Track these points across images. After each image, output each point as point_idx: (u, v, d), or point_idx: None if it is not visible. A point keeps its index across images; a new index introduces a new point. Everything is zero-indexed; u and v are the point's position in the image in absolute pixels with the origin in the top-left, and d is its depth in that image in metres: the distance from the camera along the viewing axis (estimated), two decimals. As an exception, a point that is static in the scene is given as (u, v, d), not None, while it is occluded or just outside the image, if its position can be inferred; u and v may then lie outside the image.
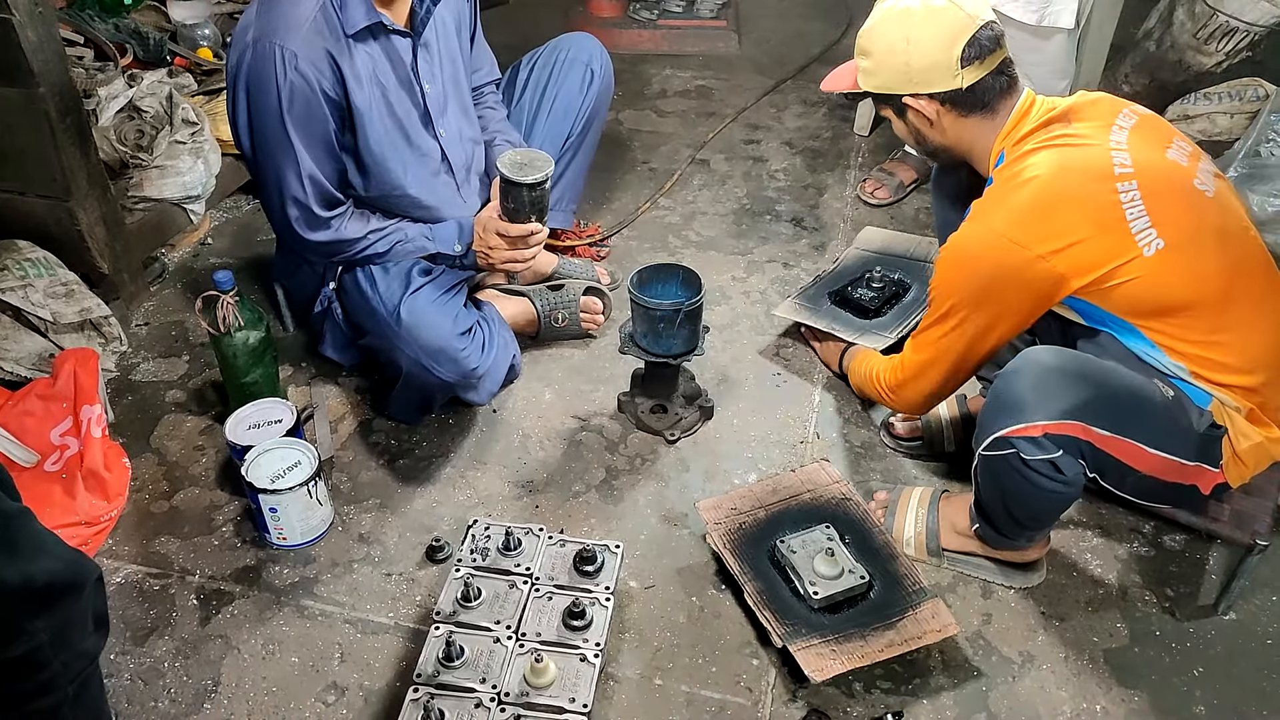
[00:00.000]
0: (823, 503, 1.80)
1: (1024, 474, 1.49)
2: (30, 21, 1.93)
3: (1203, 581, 1.78)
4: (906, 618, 1.60)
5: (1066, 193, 1.50)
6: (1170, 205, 1.50)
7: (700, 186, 2.90)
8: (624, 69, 3.44)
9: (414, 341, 1.87)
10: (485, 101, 2.24)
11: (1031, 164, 1.54)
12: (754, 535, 1.75)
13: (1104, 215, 1.48)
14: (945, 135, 1.66)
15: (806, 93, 3.42)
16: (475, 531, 1.70)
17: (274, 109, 1.77)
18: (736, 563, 1.70)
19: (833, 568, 1.65)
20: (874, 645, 1.56)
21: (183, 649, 1.65)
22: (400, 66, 1.90)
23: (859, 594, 1.64)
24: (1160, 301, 1.49)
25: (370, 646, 1.65)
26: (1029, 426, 1.45)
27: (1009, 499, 1.57)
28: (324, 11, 1.77)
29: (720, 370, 2.22)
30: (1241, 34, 2.63)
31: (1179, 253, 1.48)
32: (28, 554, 1.11)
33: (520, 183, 1.77)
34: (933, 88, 1.60)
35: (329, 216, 1.89)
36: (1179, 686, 1.61)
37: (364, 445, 2.03)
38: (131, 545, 1.82)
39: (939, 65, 1.57)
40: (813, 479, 1.85)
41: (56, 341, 2.07)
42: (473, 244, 1.95)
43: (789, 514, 1.78)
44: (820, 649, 1.56)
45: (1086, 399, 1.45)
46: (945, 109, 1.62)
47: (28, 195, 2.15)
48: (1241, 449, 1.52)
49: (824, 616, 1.62)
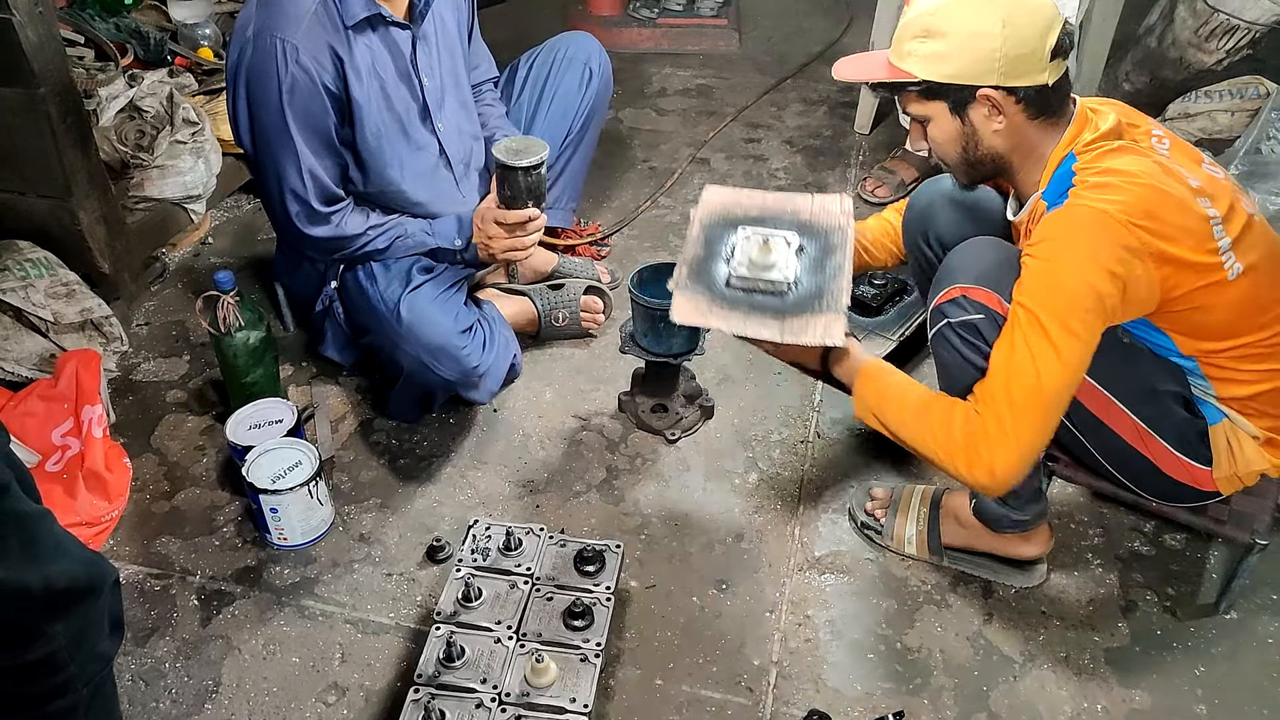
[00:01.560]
0: (815, 224, 1.67)
1: (954, 345, 1.50)
2: (30, 21, 1.93)
3: (1203, 581, 1.78)
4: (799, 319, 1.51)
5: (1169, 198, 1.39)
6: (1241, 226, 1.43)
7: (701, 185, 2.89)
8: (624, 67, 3.43)
9: (415, 339, 1.87)
10: (484, 99, 2.24)
11: (1124, 162, 1.41)
12: (733, 220, 1.67)
13: (1198, 229, 1.39)
14: (1004, 140, 1.48)
15: (807, 91, 3.42)
16: (476, 531, 1.70)
17: (275, 103, 1.77)
18: (697, 228, 1.65)
19: (764, 257, 1.56)
20: (750, 323, 1.51)
21: (183, 649, 1.65)
22: (399, 59, 1.90)
23: (778, 291, 1.55)
24: (1218, 327, 1.45)
25: (371, 647, 1.66)
26: (950, 289, 1.49)
27: (961, 390, 1.49)
28: (324, 4, 1.77)
29: (721, 369, 2.22)
30: (1242, 32, 2.63)
31: (1252, 279, 1.43)
32: (48, 556, 1.11)
33: (516, 167, 1.77)
34: (1021, 80, 1.41)
35: (329, 212, 1.89)
36: (1180, 686, 1.61)
37: (365, 445, 2.04)
38: (132, 546, 1.82)
39: (1034, 55, 1.40)
40: (825, 207, 1.70)
41: (57, 342, 2.07)
42: (472, 237, 1.95)
43: (779, 222, 1.67)
44: (699, 302, 1.54)
45: (1006, 274, 1.44)
46: (1019, 108, 1.44)
47: (28, 195, 2.15)
48: (1244, 472, 1.53)
49: (733, 292, 1.55)
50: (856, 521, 1.86)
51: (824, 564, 1.80)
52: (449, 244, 1.96)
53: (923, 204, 1.81)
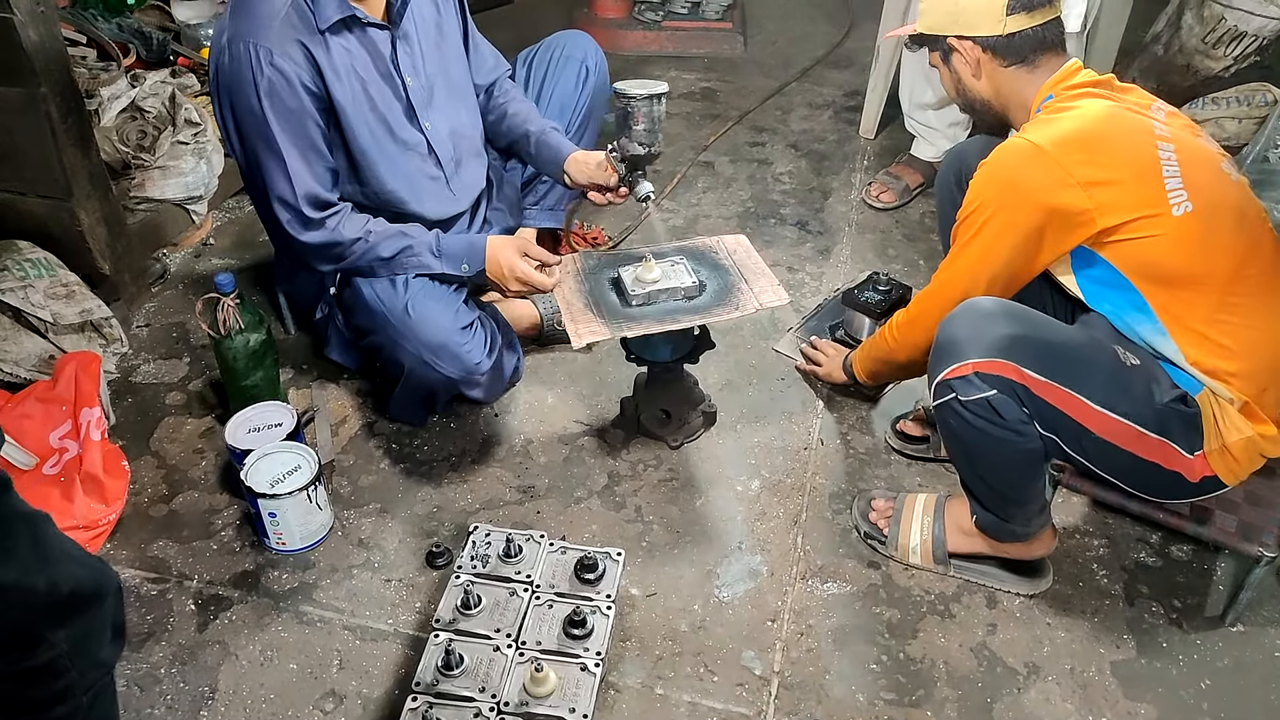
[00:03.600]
0: (685, 247, 1.99)
1: (966, 419, 1.52)
2: (32, 21, 1.92)
3: (1210, 593, 1.76)
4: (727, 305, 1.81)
5: (1113, 134, 1.52)
6: (1201, 175, 1.52)
7: (705, 189, 2.89)
8: (628, 70, 3.43)
9: (415, 337, 1.85)
10: (513, 96, 2.20)
11: (1083, 104, 1.56)
12: (606, 263, 1.94)
13: (1143, 165, 1.50)
14: (985, 85, 1.67)
15: (812, 95, 3.41)
16: (476, 538, 1.69)
17: (254, 108, 1.76)
18: (575, 285, 1.88)
19: (649, 273, 1.84)
20: (666, 323, 1.77)
21: (180, 655, 1.64)
22: (380, 59, 1.88)
23: (690, 295, 1.83)
24: (1174, 268, 1.50)
25: (369, 653, 1.64)
26: (960, 366, 1.49)
27: (970, 455, 1.59)
28: (295, 6, 1.76)
29: (724, 376, 2.21)
30: (1250, 39, 2.62)
31: (1203, 221, 1.49)
32: (55, 559, 1.09)
33: (652, 95, 1.80)
34: (977, 31, 1.62)
35: (321, 217, 1.86)
36: (1186, 699, 1.59)
37: (365, 449, 2.02)
38: (129, 549, 1.81)
39: (987, 8, 1.60)
40: (701, 242, 2.02)
41: (57, 343, 2.06)
42: (485, 270, 1.93)
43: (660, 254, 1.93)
44: (597, 327, 1.76)
45: (1015, 337, 1.47)
46: (986, 55, 1.64)
47: (29, 196, 2.14)
48: (1231, 441, 1.51)
49: (640, 309, 1.80)
50: (860, 531, 1.84)
51: (827, 573, 1.79)
52: (455, 270, 1.94)
53: (959, 149, 2.00)
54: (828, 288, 2.49)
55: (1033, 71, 1.63)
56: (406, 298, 1.87)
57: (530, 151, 2.12)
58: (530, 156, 2.13)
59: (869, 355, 1.96)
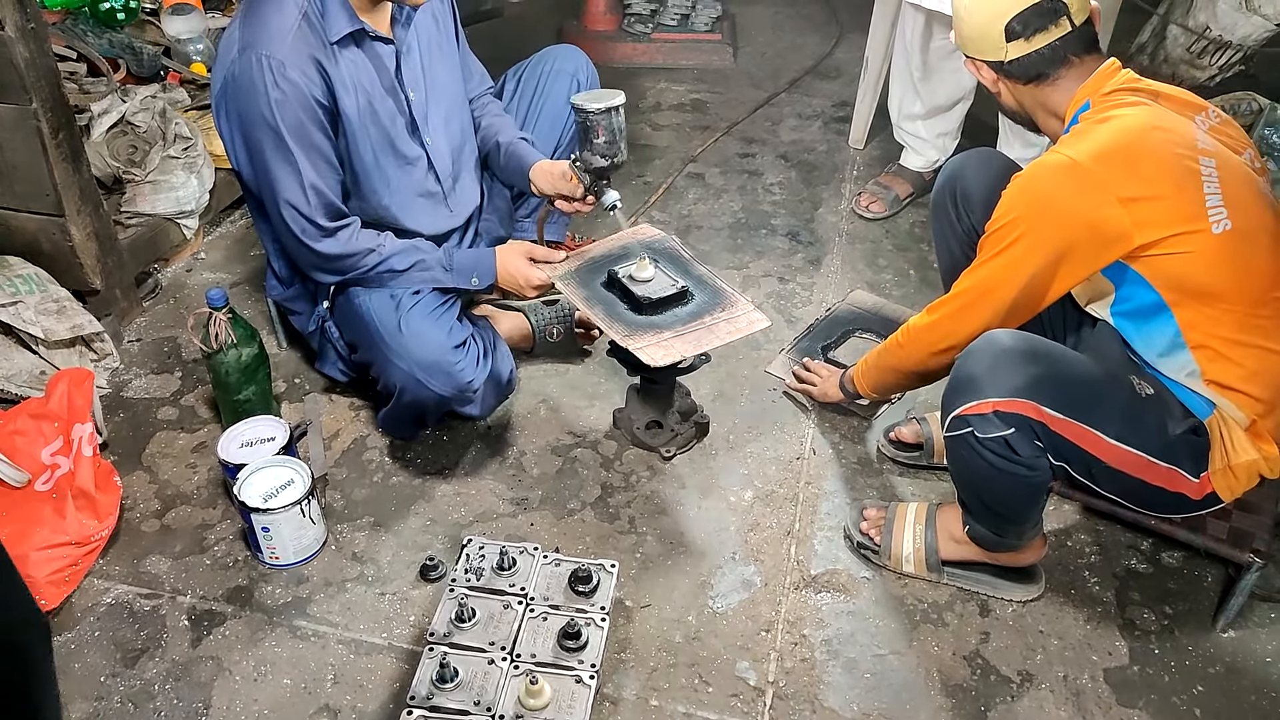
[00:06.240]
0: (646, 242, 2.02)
1: (980, 454, 1.51)
2: (22, 37, 1.92)
3: (1202, 599, 1.77)
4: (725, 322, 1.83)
5: (1153, 147, 1.49)
6: (1241, 193, 1.50)
7: (695, 200, 2.90)
8: (618, 82, 3.40)
9: (407, 355, 1.85)
10: (490, 110, 2.22)
11: (1123, 112, 1.52)
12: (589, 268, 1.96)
13: (1184, 180, 1.47)
14: (1009, 99, 1.68)
15: (801, 106, 3.42)
16: (470, 550, 1.69)
17: (266, 120, 1.76)
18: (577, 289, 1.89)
19: (644, 272, 1.87)
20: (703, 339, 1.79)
21: (173, 671, 1.63)
22: (384, 73, 1.89)
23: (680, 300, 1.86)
24: (1206, 284, 1.47)
25: (363, 667, 1.64)
26: (980, 404, 1.48)
27: (978, 484, 1.59)
28: (306, 20, 1.77)
29: (716, 386, 2.21)
30: (1234, 49, 2.64)
31: (1241, 241, 1.47)
32: None
33: (607, 108, 1.81)
34: (985, 55, 1.63)
35: (336, 227, 1.86)
36: (1178, 706, 1.60)
37: (358, 462, 2.02)
38: (122, 565, 1.80)
39: (986, 37, 1.60)
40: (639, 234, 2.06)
41: (48, 359, 2.05)
42: (496, 281, 1.95)
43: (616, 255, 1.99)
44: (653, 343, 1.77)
45: (1037, 377, 1.47)
46: (1001, 76, 1.64)
47: (20, 211, 2.14)
48: (1236, 462, 1.52)
49: (652, 317, 1.83)
50: (852, 541, 1.85)
51: (820, 583, 1.79)
52: (465, 284, 1.96)
53: (954, 166, 1.96)
54: (819, 298, 2.50)
55: (1054, 85, 1.60)
56: (399, 315, 1.87)
57: (500, 162, 2.14)
58: (499, 167, 2.16)
59: (875, 364, 1.89)
